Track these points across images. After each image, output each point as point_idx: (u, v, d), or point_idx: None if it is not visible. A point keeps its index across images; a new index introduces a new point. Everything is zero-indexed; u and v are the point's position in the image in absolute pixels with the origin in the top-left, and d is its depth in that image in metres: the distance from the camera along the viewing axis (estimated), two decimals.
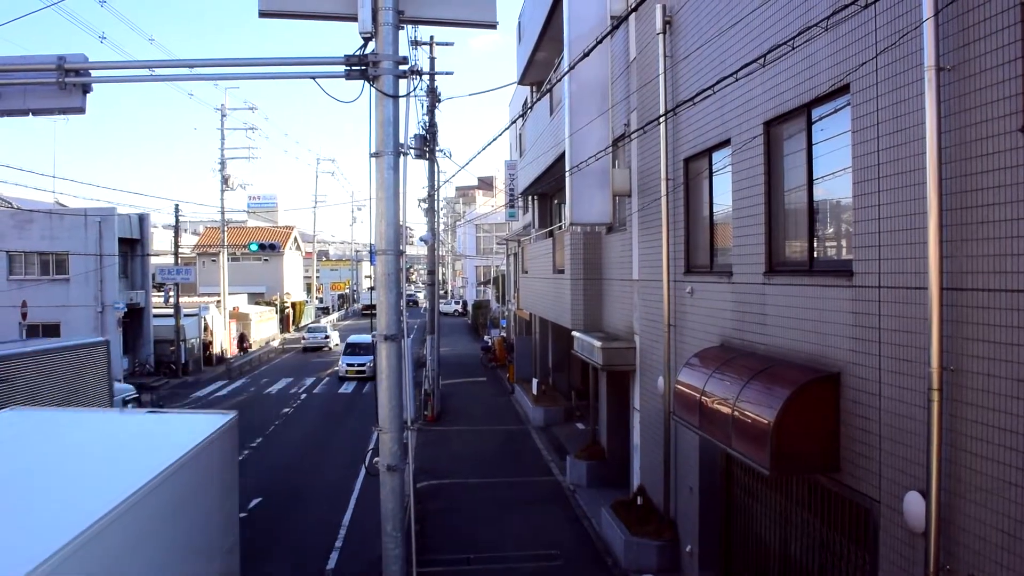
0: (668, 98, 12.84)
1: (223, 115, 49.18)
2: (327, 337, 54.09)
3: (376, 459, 9.70)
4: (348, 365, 38.38)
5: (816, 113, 8.50)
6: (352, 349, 39.48)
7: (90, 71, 9.65)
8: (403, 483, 9.92)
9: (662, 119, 12.40)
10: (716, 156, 11.47)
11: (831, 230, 8.66)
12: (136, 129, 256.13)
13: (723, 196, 11.19)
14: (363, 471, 21.00)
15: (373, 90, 9.39)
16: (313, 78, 9.37)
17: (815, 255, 8.70)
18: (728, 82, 8.74)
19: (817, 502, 8.89)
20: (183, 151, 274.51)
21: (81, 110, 9.59)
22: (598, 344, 16.15)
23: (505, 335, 43.54)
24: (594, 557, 14.37)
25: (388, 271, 9.43)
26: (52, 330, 37.17)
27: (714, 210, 11.73)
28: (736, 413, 8.63)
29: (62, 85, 9.38)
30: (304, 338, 55.04)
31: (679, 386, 10.65)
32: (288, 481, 20.68)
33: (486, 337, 49.33)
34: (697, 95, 9.61)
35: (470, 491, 18.78)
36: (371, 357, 31.62)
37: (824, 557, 8.82)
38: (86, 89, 9.63)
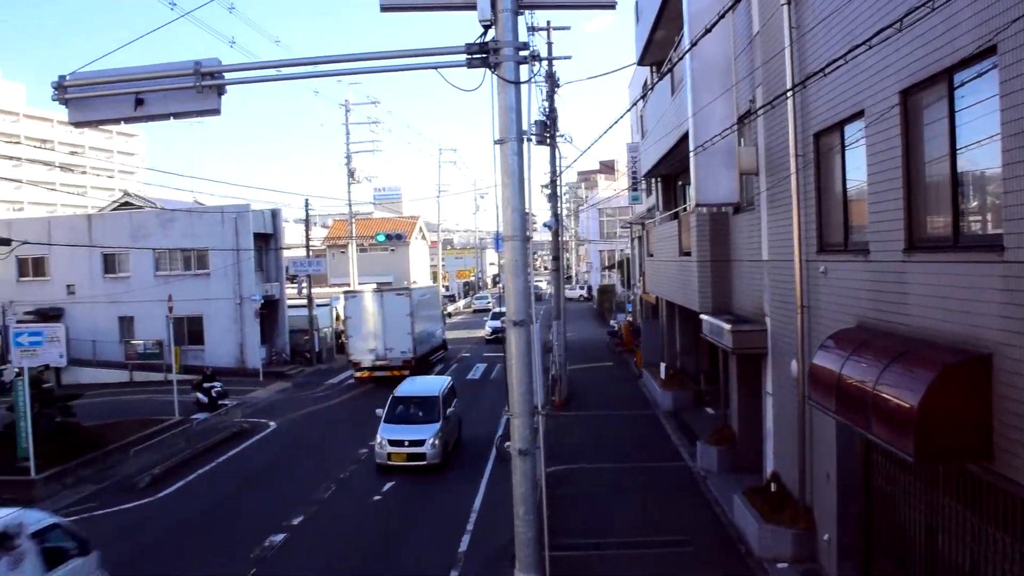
0: (795, 71, 12.37)
1: (347, 110, 50.50)
2: None
3: (508, 443, 9.78)
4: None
5: (958, 78, 8.00)
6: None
7: (224, 74, 10.07)
8: (535, 467, 9.97)
9: (790, 93, 11.96)
10: (848, 129, 10.97)
11: (977, 203, 8.15)
12: (266, 128, 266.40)
13: (857, 171, 10.71)
14: (492, 455, 21.27)
15: (495, 77, 9.41)
16: (436, 68, 9.48)
17: (960, 230, 8.20)
18: (860, 51, 8.32)
19: (967, 491, 8.42)
20: (311, 147, 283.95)
21: (217, 111, 10.00)
22: (727, 327, 15.79)
23: (631, 319, 43.17)
24: (726, 544, 14.09)
25: (515, 257, 9.46)
26: (196, 322, 39.18)
27: (847, 186, 11.25)
28: (876, 397, 8.26)
29: (199, 89, 9.81)
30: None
31: (814, 369, 10.28)
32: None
33: (612, 322, 49.03)
34: (827, 66, 9.20)
35: (599, 476, 18.74)
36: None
37: (976, 550, 8.35)
38: (221, 91, 10.04)
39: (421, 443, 20.27)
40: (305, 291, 43.05)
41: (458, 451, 22.38)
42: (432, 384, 23.72)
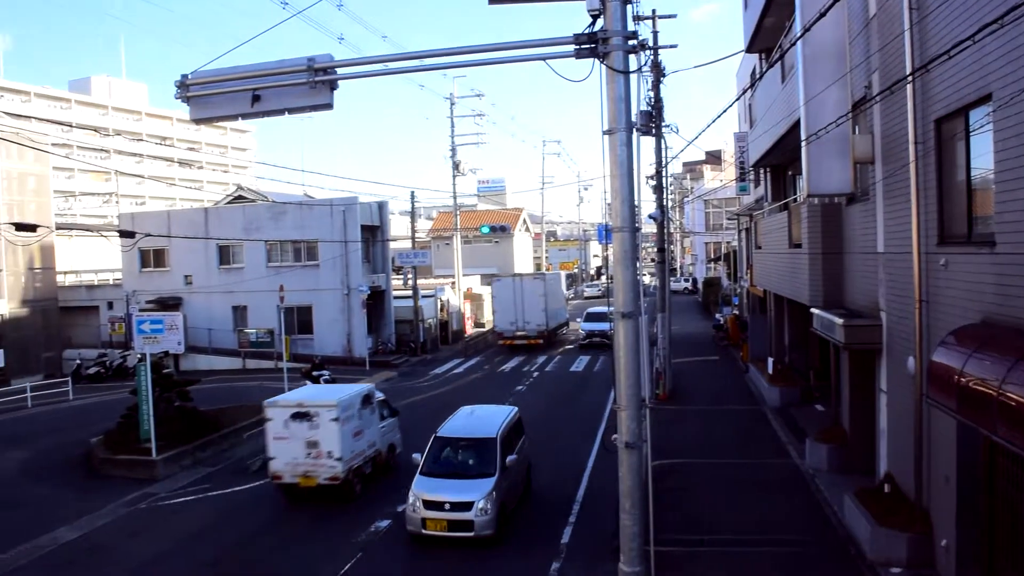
0: (915, 55, 11.84)
1: (452, 104, 50.98)
2: None
3: (614, 436, 9.73)
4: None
5: None
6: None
7: (336, 69, 10.30)
8: (640, 461, 9.88)
9: (909, 79, 11.46)
10: (973, 114, 10.45)
11: None
12: (372, 124, 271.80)
13: (982, 158, 10.19)
14: (595, 447, 21.19)
15: (603, 68, 9.33)
16: (543, 59, 9.45)
17: None
18: (991, 30, 7.89)
19: None
20: (416, 141, 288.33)
21: (329, 106, 10.25)
22: (839, 321, 15.29)
23: (737, 313, 42.34)
24: (836, 546, 13.66)
25: (624, 248, 9.38)
26: (305, 311, 40.33)
27: (971, 174, 10.71)
28: (1003, 397, 7.85)
29: (312, 84, 10.07)
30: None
31: (933, 367, 9.85)
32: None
33: (717, 315, 48.16)
34: (952, 48, 8.77)
35: (704, 472, 18.44)
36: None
37: None
38: (333, 86, 10.28)
39: (468, 506, 14.65)
40: (411, 282, 43.74)
41: (527, 508, 16.79)
42: (491, 419, 17.42)
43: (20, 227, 23.80)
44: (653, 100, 27.72)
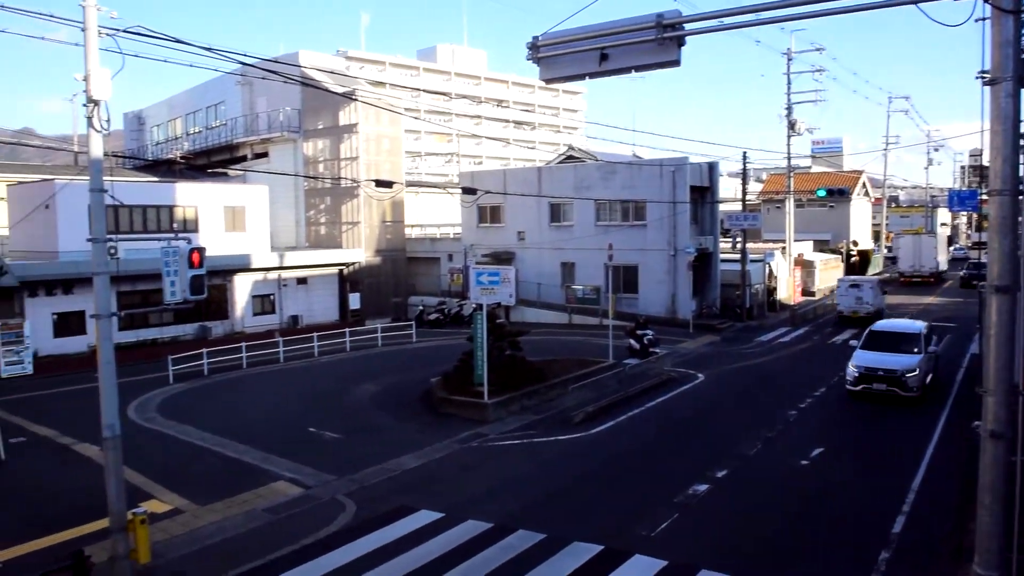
0: None
1: (789, 59, 48.42)
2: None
3: (976, 423, 8.73)
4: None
5: None
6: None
7: (684, 24, 10.05)
8: (1007, 453, 8.79)
9: None
10: None
11: None
12: (704, 82, 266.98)
13: None
14: (935, 435, 19.40)
15: (988, 7, 8.24)
16: (915, 3, 8.52)
17: None
18: None
19: None
20: (748, 100, 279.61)
21: (676, 63, 10.08)
22: None
23: None
24: None
25: (1003, 213, 8.33)
26: (631, 271, 40.76)
27: None
28: None
29: (660, 41, 9.93)
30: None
31: None
32: (849, 434, 20.08)
33: None
34: None
35: None
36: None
37: None
38: (680, 42, 10.09)
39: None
40: (739, 245, 42.57)
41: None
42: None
43: (379, 183, 26.11)
44: None
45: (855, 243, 65.86)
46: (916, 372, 22.08)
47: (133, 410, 23.50)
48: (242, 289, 39.31)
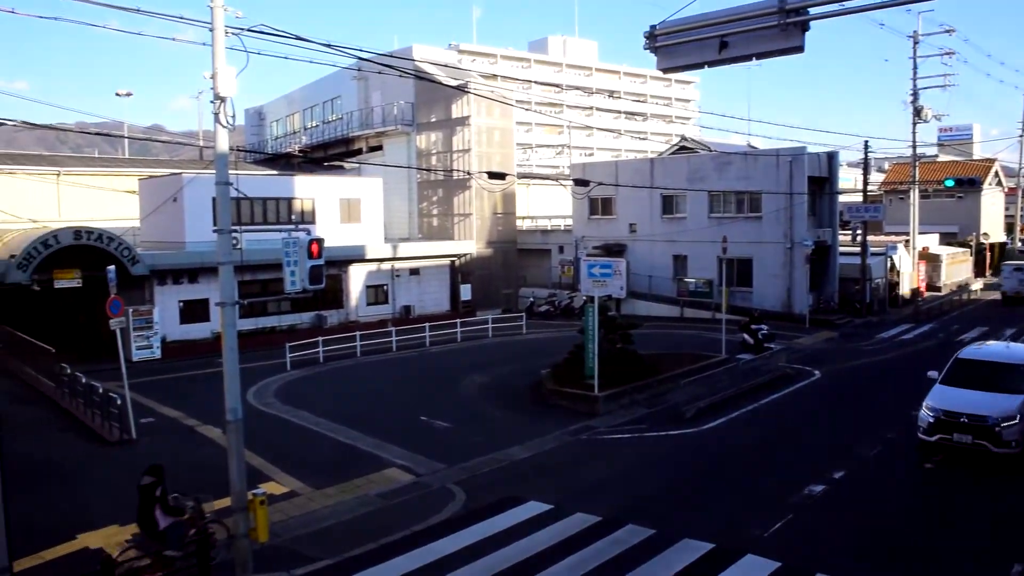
0: None
1: (915, 43, 46.48)
2: None
3: None
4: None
5: None
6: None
7: (808, 9, 9.72)
8: None
9: None
10: None
11: None
12: (823, 69, 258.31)
13: None
14: None
15: None
16: None
17: None
18: None
19: None
20: (871, 86, 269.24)
21: (800, 49, 9.77)
22: None
23: None
24: None
25: None
26: (745, 264, 39.86)
27: None
28: None
29: (783, 27, 9.63)
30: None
31: None
32: None
33: None
34: None
35: None
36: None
37: None
38: (805, 28, 9.77)
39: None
40: (859, 238, 41.08)
41: None
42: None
43: (491, 175, 26.37)
44: None
45: (986, 235, 62.56)
46: (1016, 421, 15.92)
47: (252, 395, 24.40)
48: (356, 279, 40.27)
